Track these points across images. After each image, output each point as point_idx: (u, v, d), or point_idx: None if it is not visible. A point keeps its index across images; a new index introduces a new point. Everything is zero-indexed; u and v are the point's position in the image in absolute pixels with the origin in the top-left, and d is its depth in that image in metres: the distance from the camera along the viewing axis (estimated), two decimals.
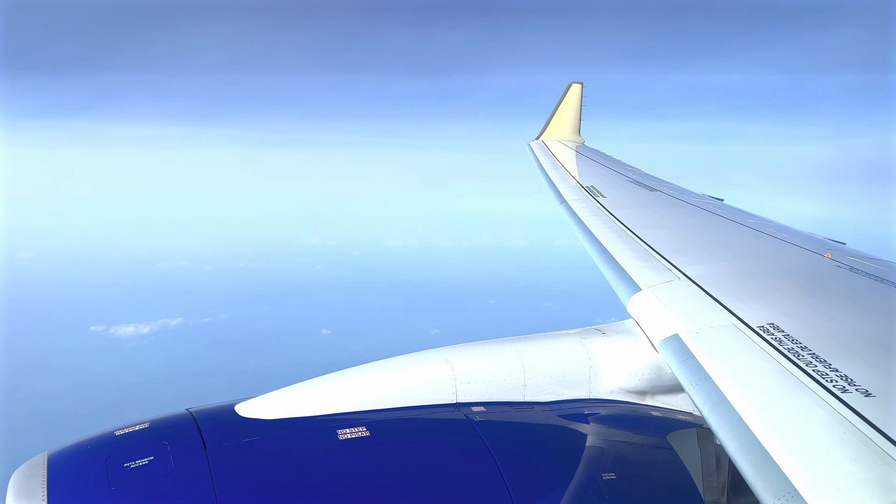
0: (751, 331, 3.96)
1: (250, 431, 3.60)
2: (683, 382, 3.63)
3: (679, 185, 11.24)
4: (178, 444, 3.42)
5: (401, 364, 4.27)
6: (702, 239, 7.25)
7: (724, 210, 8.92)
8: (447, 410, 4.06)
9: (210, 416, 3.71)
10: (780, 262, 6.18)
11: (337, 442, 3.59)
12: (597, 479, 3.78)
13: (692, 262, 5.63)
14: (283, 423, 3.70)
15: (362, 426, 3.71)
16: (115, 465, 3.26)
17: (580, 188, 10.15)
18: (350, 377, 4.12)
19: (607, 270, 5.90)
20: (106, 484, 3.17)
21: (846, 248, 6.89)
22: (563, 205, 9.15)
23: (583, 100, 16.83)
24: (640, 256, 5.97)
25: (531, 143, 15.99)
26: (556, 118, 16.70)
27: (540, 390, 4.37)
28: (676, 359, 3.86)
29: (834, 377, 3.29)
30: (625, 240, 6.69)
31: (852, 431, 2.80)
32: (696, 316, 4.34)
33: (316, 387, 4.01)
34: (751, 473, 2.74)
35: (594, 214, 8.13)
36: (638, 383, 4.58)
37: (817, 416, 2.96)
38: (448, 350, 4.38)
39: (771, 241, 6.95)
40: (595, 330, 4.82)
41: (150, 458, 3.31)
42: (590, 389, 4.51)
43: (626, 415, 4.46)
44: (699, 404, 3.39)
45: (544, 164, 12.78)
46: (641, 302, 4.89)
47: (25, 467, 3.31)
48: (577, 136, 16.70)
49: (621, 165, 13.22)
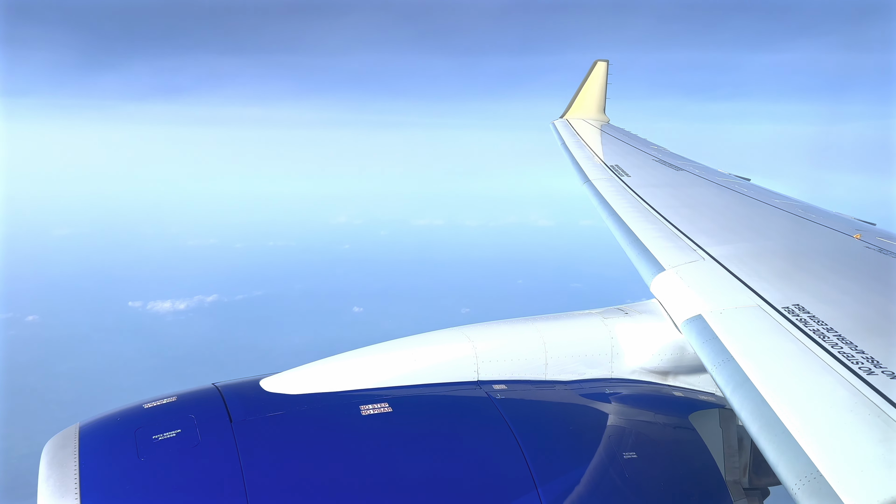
0: (775, 311, 3.88)
1: (275, 406, 3.64)
2: (706, 363, 3.58)
3: (705, 165, 11.02)
4: (205, 417, 3.46)
5: (423, 342, 4.27)
6: (727, 219, 7.12)
7: (750, 190, 8.72)
8: (469, 388, 4.05)
9: (236, 390, 3.75)
10: (806, 243, 6.04)
11: (360, 417, 3.61)
12: (618, 458, 3.76)
13: (717, 242, 5.53)
14: (306, 399, 3.72)
15: (385, 402, 3.72)
16: (143, 437, 3.32)
17: (605, 167, 9.98)
18: (373, 354, 4.13)
19: (631, 250, 5.82)
20: (135, 455, 3.22)
21: (876, 228, 6.71)
22: (587, 184, 9.02)
23: (608, 78, 16.52)
24: (665, 236, 5.88)
25: (555, 121, 15.75)
26: (581, 96, 16.40)
27: (561, 369, 4.34)
28: (699, 339, 3.81)
29: (860, 359, 3.21)
30: (649, 219, 6.59)
31: (877, 413, 2.74)
32: (720, 296, 4.26)
33: (339, 363, 4.02)
34: (773, 454, 2.71)
35: (618, 194, 8.00)
36: (660, 363, 4.52)
37: (842, 397, 2.90)
38: (470, 328, 4.37)
39: (798, 222, 6.79)
40: (617, 310, 4.76)
41: (177, 430, 3.36)
42: (611, 369, 4.46)
43: (647, 395, 4.41)
44: (722, 385, 3.34)
45: (568, 142, 12.60)
46: (665, 282, 4.82)
47: (58, 437, 3.38)
48: (602, 115, 16.41)
49: (646, 144, 12.98)
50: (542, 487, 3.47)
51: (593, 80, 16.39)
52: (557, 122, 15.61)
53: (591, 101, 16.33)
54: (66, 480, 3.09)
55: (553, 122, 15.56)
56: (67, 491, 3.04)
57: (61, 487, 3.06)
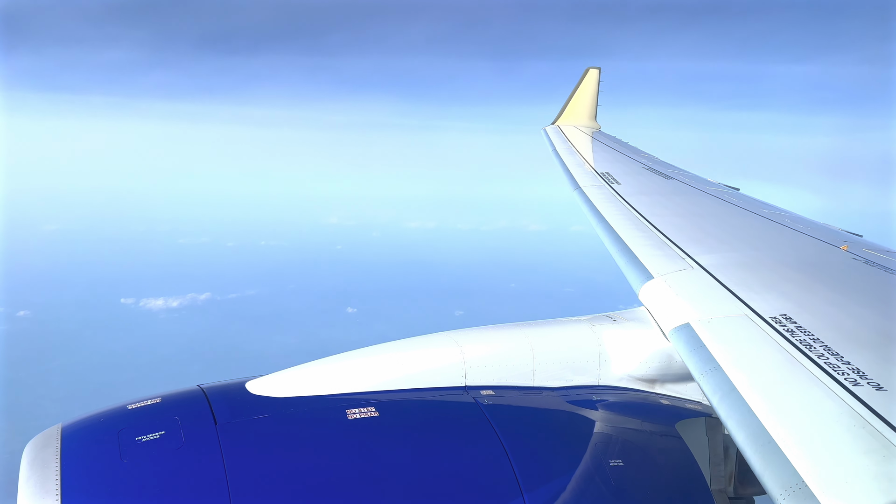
0: (763, 321, 3.86)
1: (260, 409, 3.59)
2: (693, 371, 3.56)
3: (694, 174, 11.05)
4: (189, 419, 3.41)
5: (411, 346, 4.23)
6: (716, 228, 7.12)
7: (739, 199, 8.74)
8: (456, 393, 4.02)
9: (221, 392, 3.70)
10: (794, 253, 6.05)
11: (346, 421, 3.57)
12: (604, 465, 3.73)
13: (706, 251, 5.52)
14: (292, 402, 3.68)
15: (371, 406, 3.68)
16: (127, 439, 3.26)
17: (595, 174, 9.98)
18: (360, 357, 4.08)
19: (620, 258, 5.80)
20: (118, 456, 3.17)
21: (863, 240, 6.73)
22: (578, 191, 9.01)
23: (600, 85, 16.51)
24: (654, 244, 5.86)
25: (547, 127, 15.74)
26: (573, 103, 16.36)
27: (549, 375, 4.31)
28: (687, 348, 3.78)
29: (846, 370, 3.20)
30: (639, 227, 6.57)
31: (862, 425, 2.72)
32: (708, 305, 4.24)
33: (326, 366, 3.98)
34: (759, 464, 2.68)
35: (608, 201, 7.99)
36: (647, 371, 4.50)
37: (828, 408, 2.88)
38: (458, 333, 4.33)
39: (786, 232, 6.80)
40: (606, 317, 4.74)
41: (161, 432, 3.30)
42: (599, 376, 4.44)
43: (634, 402, 4.39)
44: (708, 394, 3.32)
45: (560, 149, 12.58)
46: (653, 290, 4.80)
47: (40, 438, 3.32)
48: (594, 122, 16.41)
49: (637, 152, 13.00)
50: (527, 494, 3.44)
51: (585, 87, 16.37)
52: (549, 128, 15.59)
53: (582, 108, 16.31)
54: (46, 481, 3.03)
55: (544, 129, 15.55)
56: (48, 492, 2.99)
57: (42, 488, 3.00)
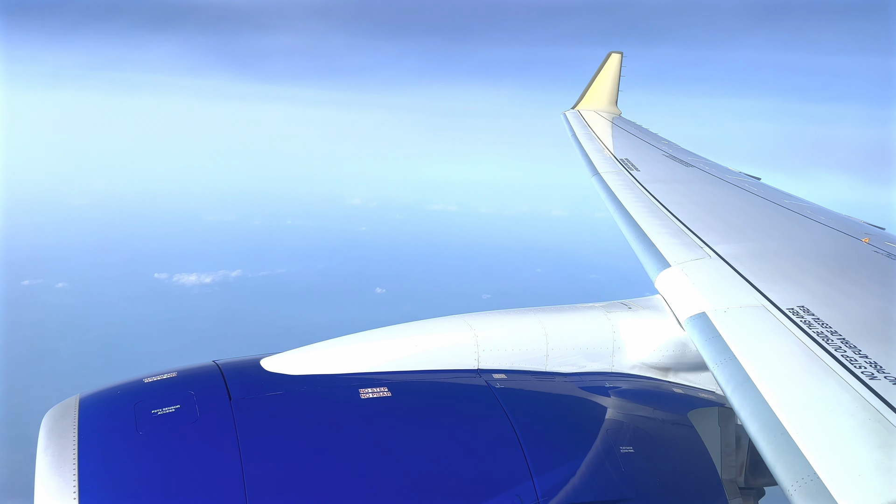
0: (780, 312, 3.77)
1: (274, 386, 3.58)
2: (708, 361, 3.49)
3: (715, 162, 10.81)
4: (204, 394, 3.41)
5: (425, 328, 4.20)
6: (735, 217, 6.97)
7: (760, 189, 8.54)
8: (468, 376, 3.98)
9: (236, 368, 3.70)
10: (814, 245, 5.90)
11: (358, 401, 3.55)
12: (614, 451, 3.68)
13: (724, 240, 5.40)
14: (306, 380, 3.67)
15: (384, 386, 3.66)
16: (143, 411, 3.27)
17: (614, 160, 9.79)
18: (374, 338, 4.06)
19: (637, 245, 5.71)
20: (134, 428, 3.18)
21: (885, 233, 6.55)
22: (596, 176, 8.85)
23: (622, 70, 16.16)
24: (672, 232, 5.75)
25: (566, 112, 15.45)
26: (594, 88, 16.01)
27: (562, 361, 4.25)
28: (702, 337, 3.71)
29: (863, 363, 3.12)
30: (657, 215, 6.45)
31: (878, 419, 2.65)
32: (725, 295, 4.16)
33: (340, 345, 3.96)
34: (771, 455, 2.63)
35: (627, 188, 7.83)
36: (661, 359, 4.42)
37: (843, 401, 2.81)
38: (472, 316, 4.28)
39: (806, 223, 6.63)
40: (621, 304, 4.66)
41: (176, 406, 3.31)
42: (612, 363, 4.37)
43: (647, 390, 4.32)
44: (722, 383, 3.26)
45: (579, 134, 12.36)
46: (670, 278, 4.71)
47: (58, 408, 3.34)
48: (614, 108, 16.08)
49: (657, 139, 12.75)
50: (538, 477, 3.41)
51: (607, 72, 16.01)
52: (569, 112, 15.30)
53: (603, 92, 15.98)
54: (64, 450, 3.05)
55: (564, 113, 15.26)
56: (65, 461, 3.01)
57: (59, 457, 3.03)
